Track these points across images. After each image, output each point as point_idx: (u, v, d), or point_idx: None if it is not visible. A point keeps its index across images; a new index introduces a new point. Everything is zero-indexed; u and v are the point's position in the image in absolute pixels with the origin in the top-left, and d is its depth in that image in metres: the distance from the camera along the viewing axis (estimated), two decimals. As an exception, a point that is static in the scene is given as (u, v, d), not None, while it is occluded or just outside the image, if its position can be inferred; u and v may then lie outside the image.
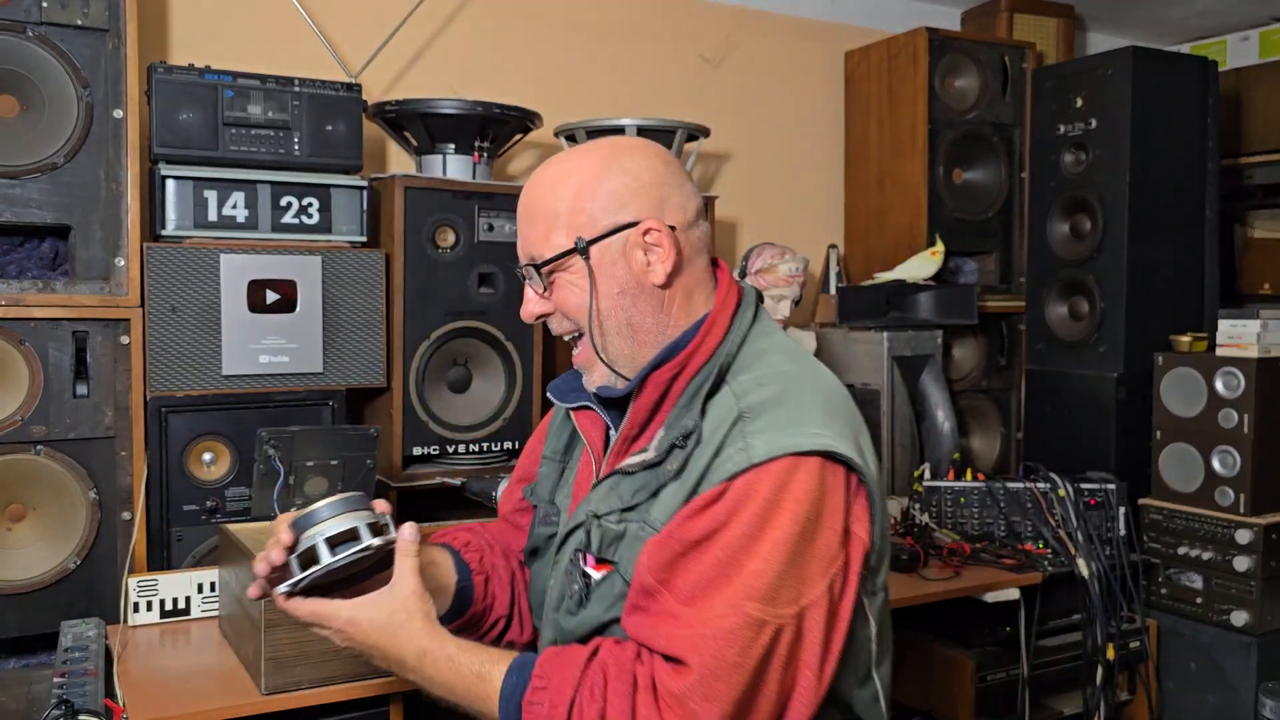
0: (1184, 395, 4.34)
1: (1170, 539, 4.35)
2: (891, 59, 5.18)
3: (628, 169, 1.94)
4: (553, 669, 1.74)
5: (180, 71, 3.34)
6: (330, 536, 1.82)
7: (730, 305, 1.98)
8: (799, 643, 1.70)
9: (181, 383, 3.30)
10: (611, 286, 1.92)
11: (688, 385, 1.90)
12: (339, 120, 3.55)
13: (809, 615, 1.71)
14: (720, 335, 1.93)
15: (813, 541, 1.71)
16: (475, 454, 3.81)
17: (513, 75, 4.64)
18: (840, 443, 1.76)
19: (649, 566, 1.75)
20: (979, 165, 5.21)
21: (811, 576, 1.71)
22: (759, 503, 1.70)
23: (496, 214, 3.79)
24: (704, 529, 1.72)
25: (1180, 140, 4.76)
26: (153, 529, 3.28)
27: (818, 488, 1.73)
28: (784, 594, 1.68)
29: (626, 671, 1.70)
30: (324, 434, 3.30)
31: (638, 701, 1.67)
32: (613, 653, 1.74)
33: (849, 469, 1.78)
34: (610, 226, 1.91)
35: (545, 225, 1.93)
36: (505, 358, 3.84)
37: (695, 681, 1.63)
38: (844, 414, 1.85)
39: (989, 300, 5.16)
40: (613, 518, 1.90)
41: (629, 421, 1.97)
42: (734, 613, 1.65)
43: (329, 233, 3.56)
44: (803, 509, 1.71)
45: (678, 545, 1.73)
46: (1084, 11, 6.08)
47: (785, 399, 1.81)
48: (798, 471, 1.72)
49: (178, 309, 3.28)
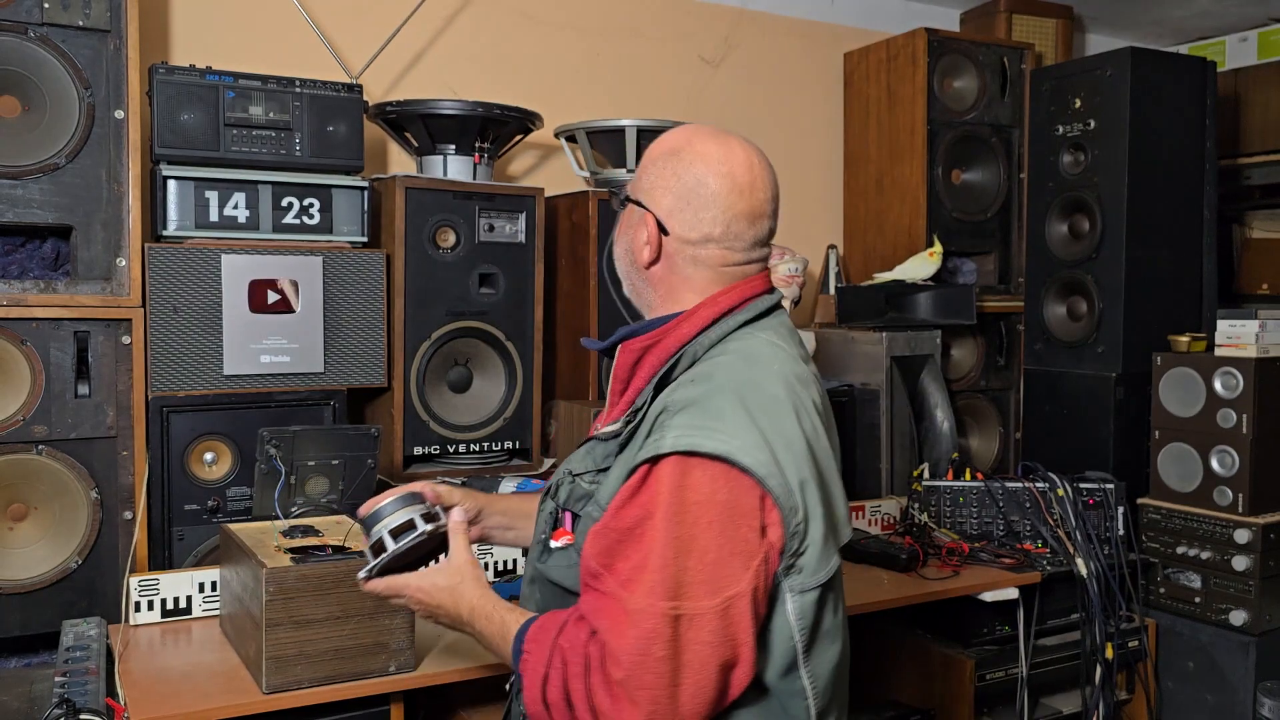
0: (1182, 395, 4.34)
1: (1169, 538, 4.35)
2: (890, 60, 5.18)
3: (678, 169, 2.12)
4: (534, 641, 1.94)
5: (182, 72, 3.35)
6: (393, 529, 2.20)
7: (719, 306, 2.09)
8: (727, 630, 1.82)
9: (183, 383, 3.30)
10: (624, 241, 2.20)
11: (663, 364, 2.07)
12: (340, 121, 3.55)
13: (735, 605, 1.82)
14: (694, 329, 2.07)
15: (730, 536, 1.83)
16: (476, 453, 3.81)
17: (513, 76, 4.64)
18: (741, 451, 1.85)
19: (592, 553, 1.91)
20: (978, 166, 5.22)
21: (733, 569, 1.83)
22: (670, 493, 1.84)
23: (497, 214, 3.80)
24: (632, 518, 1.86)
25: (1179, 141, 4.76)
26: (154, 528, 3.28)
27: (723, 488, 1.85)
28: (703, 587, 1.81)
29: (580, 654, 1.85)
30: (325, 434, 3.30)
31: (591, 683, 1.83)
32: (572, 634, 1.89)
33: (750, 475, 1.86)
34: (639, 198, 2.15)
35: (640, 169, 2.19)
36: (506, 358, 3.85)
37: (625, 673, 1.78)
38: (761, 423, 1.91)
39: (988, 300, 5.16)
40: (586, 477, 2.11)
41: (613, 376, 2.20)
42: (652, 610, 1.79)
43: (330, 233, 3.56)
44: (713, 506, 1.84)
45: (613, 533, 1.88)
46: (1083, 12, 6.08)
47: (704, 400, 1.92)
48: (696, 470, 1.85)
49: (179, 309, 3.29)
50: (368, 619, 2.72)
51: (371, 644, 2.73)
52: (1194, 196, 4.82)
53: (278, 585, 2.62)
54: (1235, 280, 6.05)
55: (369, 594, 2.23)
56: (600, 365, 3.99)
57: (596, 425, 2.24)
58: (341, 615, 2.69)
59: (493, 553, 3.55)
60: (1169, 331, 4.53)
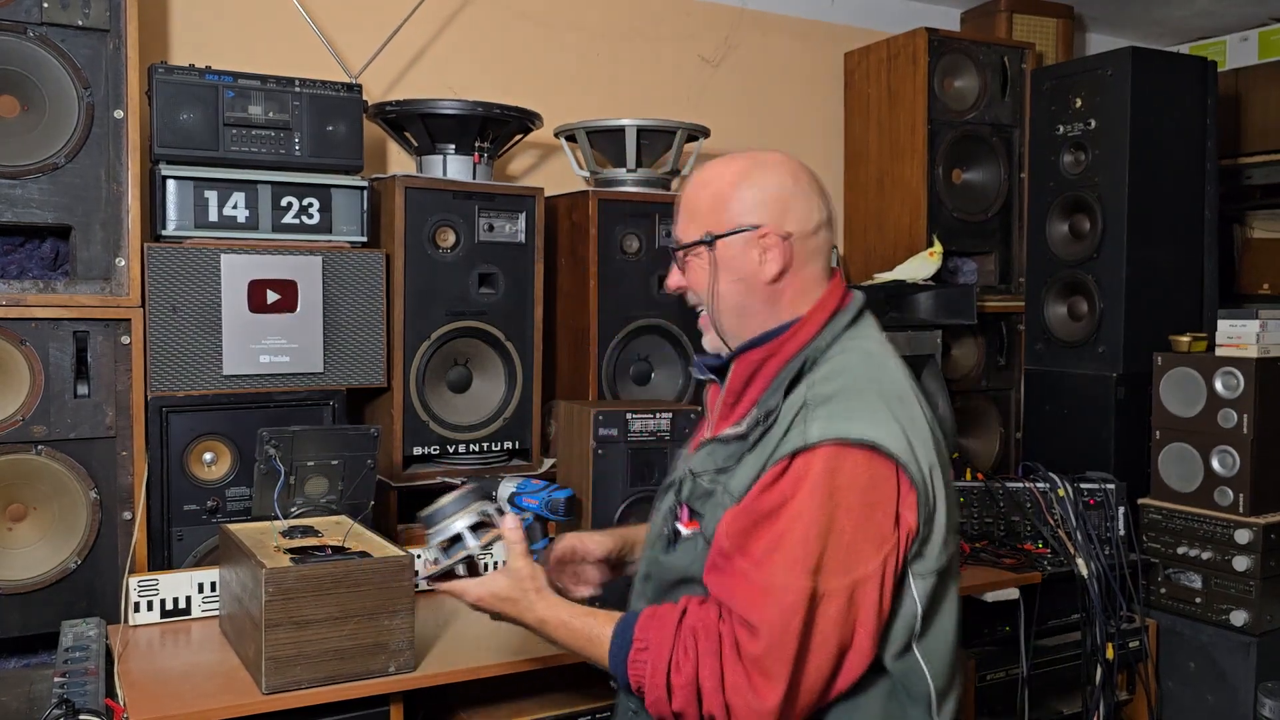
0: (1183, 395, 4.34)
1: (1169, 539, 4.35)
2: (891, 59, 5.18)
3: (758, 182, 2.28)
4: (651, 631, 2.06)
5: (181, 72, 3.34)
6: (441, 541, 2.36)
7: (828, 309, 2.26)
8: (850, 612, 1.96)
9: (182, 383, 3.30)
10: (730, 275, 2.25)
11: (778, 371, 2.20)
12: (339, 121, 3.55)
13: (864, 585, 1.96)
14: (810, 334, 2.22)
15: (867, 521, 1.97)
16: (475, 454, 3.81)
17: (513, 76, 4.64)
18: (887, 439, 2.00)
19: (727, 533, 2.04)
20: (978, 166, 5.21)
21: (865, 553, 1.97)
22: (814, 481, 1.96)
23: (497, 214, 3.80)
24: (772, 503, 2.00)
25: (1179, 140, 4.77)
26: (153, 529, 3.28)
27: (865, 474, 1.99)
28: (838, 566, 1.95)
29: (713, 633, 1.99)
30: (324, 434, 3.30)
31: (724, 660, 1.96)
32: (699, 615, 2.03)
33: (894, 461, 2.01)
34: (734, 227, 2.25)
35: (688, 218, 2.31)
36: (505, 358, 3.85)
37: (765, 647, 1.91)
38: (898, 413, 2.07)
39: (988, 300, 5.15)
40: (705, 478, 2.21)
41: (727, 389, 2.30)
42: (794, 585, 1.92)
43: (329, 233, 3.56)
44: (855, 491, 1.97)
45: (752, 515, 2.01)
46: (1083, 12, 6.08)
47: (844, 394, 2.07)
48: (845, 458, 1.98)
49: (178, 309, 3.29)
50: (367, 619, 2.73)
51: (371, 644, 2.73)
52: (1195, 196, 4.83)
53: (277, 586, 2.62)
54: (1236, 280, 6.05)
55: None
56: (600, 366, 3.99)
57: (702, 434, 2.41)
58: (341, 616, 2.69)
59: (492, 554, 3.56)
60: (1170, 331, 4.54)
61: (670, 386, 4.19)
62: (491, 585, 2.33)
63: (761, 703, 1.92)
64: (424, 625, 3.13)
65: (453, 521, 2.36)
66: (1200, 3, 5.88)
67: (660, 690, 2.01)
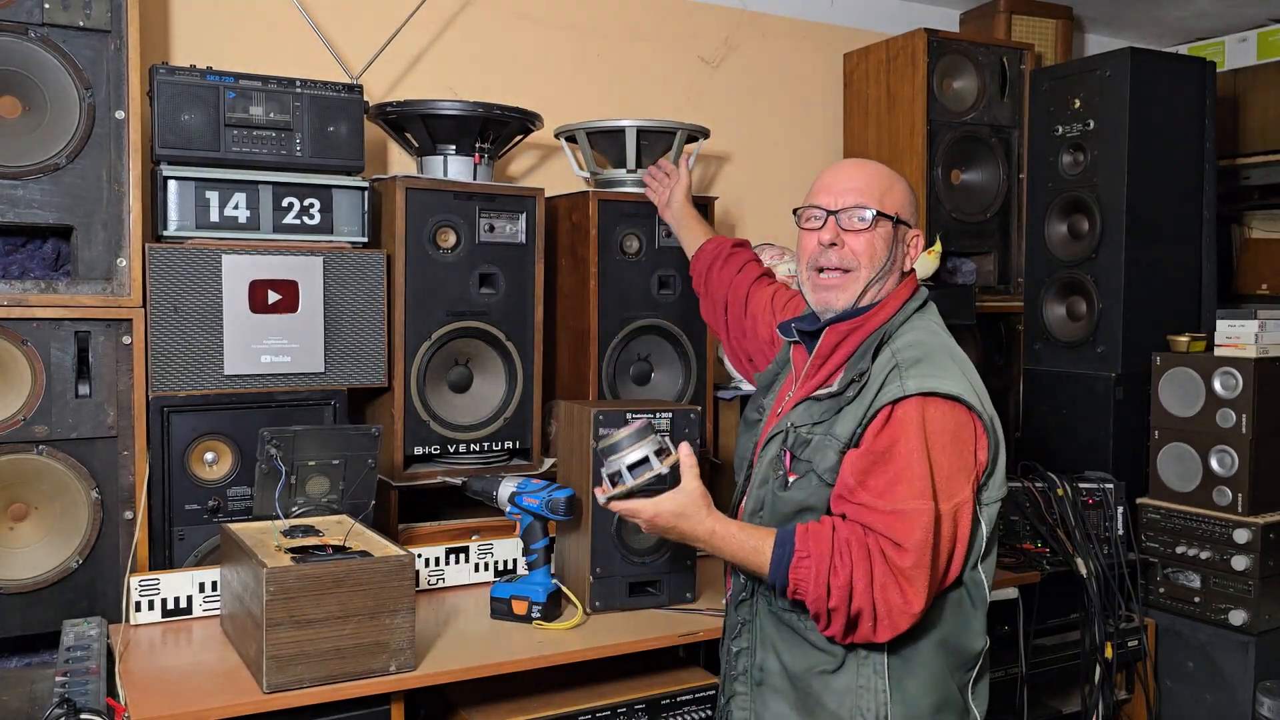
0: (1182, 395, 4.35)
1: (1168, 538, 4.35)
2: (890, 60, 5.18)
3: (914, 194, 2.78)
4: (810, 543, 2.39)
5: (182, 73, 3.34)
6: (630, 464, 2.59)
7: (903, 296, 2.68)
8: (956, 527, 2.41)
9: (183, 382, 3.30)
10: (886, 254, 2.66)
11: (863, 341, 2.60)
12: (340, 121, 3.55)
13: (962, 509, 2.42)
14: (889, 314, 2.63)
15: (959, 456, 2.43)
16: (476, 453, 3.81)
17: (513, 77, 4.64)
18: (965, 392, 2.45)
19: (851, 471, 2.43)
20: (977, 166, 5.21)
21: (960, 481, 2.42)
22: (915, 424, 2.39)
23: (497, 214, 3.80)
24: (885, 444, 2.40)
25: (1178, 141, 4.77)
26: (154, 528, 3.28)
27: (952, 419, 2.43)
28: (946, 491, 2.39)
29: (862, 544, 2.36)
30: (325, 434, 3.30)
31: (874, 567, 2.34)
32: (849, 531, 2.38)
33: (971, 410, 2.46)
34: (907, 218, 2.70)
35: (881, 192, 2.66)
36: (506, 358, 3.84)
37: (913, 560, 2.33)
38: (968, 374, 2.53)
39: (987, 300, 5.16)
40: (805, 428, 2.58)
41: (816, 351, 2.67)
42: (924, 509, 2.34)
43: (330, 233, 3.56)
44: (948, 432, 2.42)
45: (870, 456, 2.41)
46: (1082, 13, 6.08)
47: (928, 359, 2.50)
48: (936, 406, 2.42)
49: (179, 309, 3.28)
50: (368, 619, 2.73)
51: (372, 643, 2.74)
52: (1193, 197, 4.83)
53: (278, 585, 2.63)
54: (1234, 280, 6.05)
55: (611, 510, 2.67)
56: (600, 366, 3.98)
57: (789, 386, 2.79)
58: (342, 615, 2.70)
59: (493, 553, 3.57)
60: (1168, 331, 4.54)
61: (670, 386, 4.19)
62: (668, 504, 2.55)
63: (909, 605, 2.35)
64: (424, 624, 3.13)
65: (637, 448, 2.59)
66: (1199, 3, 5.87)
67: (821, 589, 2.36)
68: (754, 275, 3.44)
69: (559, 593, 3.34)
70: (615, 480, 2.61)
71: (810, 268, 2.70)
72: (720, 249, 3.56)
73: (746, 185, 5.25)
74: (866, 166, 2.74)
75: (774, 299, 3.30)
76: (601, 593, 3.37)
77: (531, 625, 3.23)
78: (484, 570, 3.61)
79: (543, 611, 3.25)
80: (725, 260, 3.52)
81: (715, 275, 3.52)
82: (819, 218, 2.68)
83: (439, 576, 3.55)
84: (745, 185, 5.25)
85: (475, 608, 3.38)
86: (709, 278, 3.55)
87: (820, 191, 2.71)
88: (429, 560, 3.53)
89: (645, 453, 2.59)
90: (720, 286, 3.49)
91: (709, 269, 3.55)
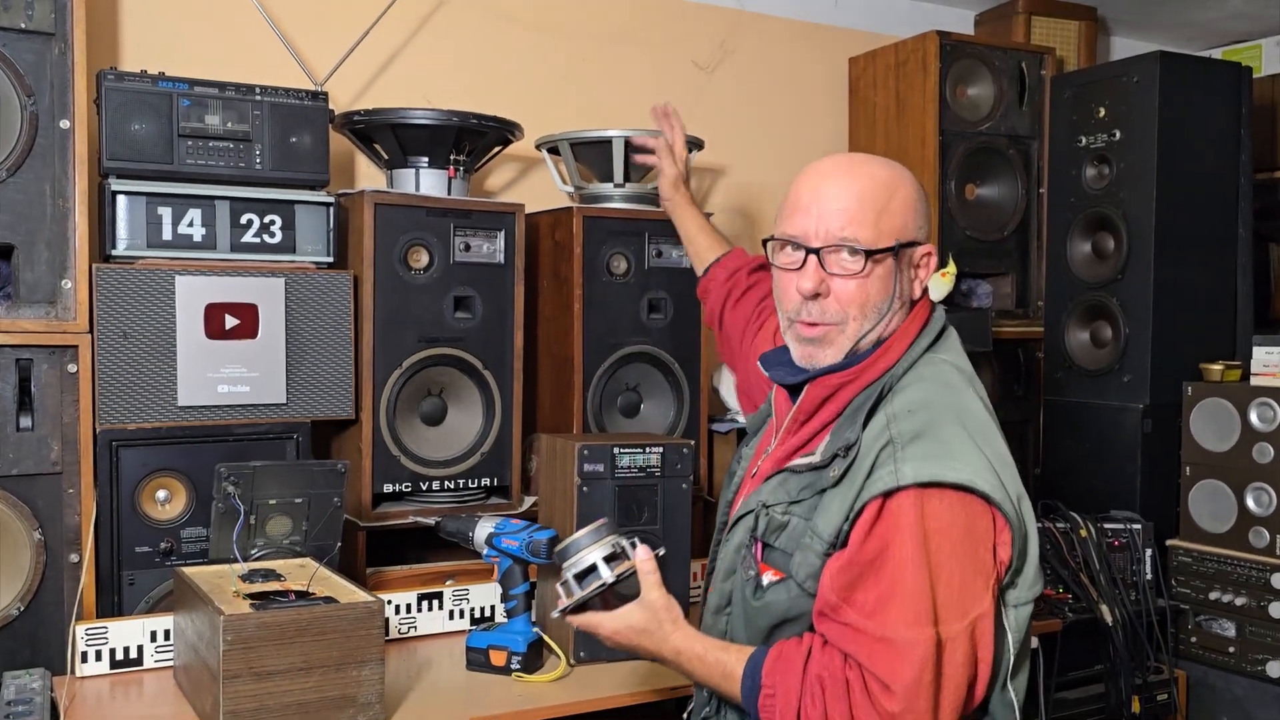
0: (1215, 428, 4.37)
1: (1200, 583, 4.38)
2: (899, 65, 5.22)
3: (922, 193, 2.43)
4: (777, 676, 2.18)
5: (132, 79, 3.36)
6: (577, 572, 2.48)
7: (910, 334, 2.38)
8: (976, 648, 2.11)
9: (134, 414, 3.32)
10: (885, 295, 2.34)
11: (854, 398, 2.33)
12: (303, 131, 3.57)
13: (980, 624, 2.11)
14: (891, 362, 2.34)
15: (973, 559, 2.12)
16: (450, 491, 3.82)
17: (491, 83, 4.68)
18: (978, 478, 2.14)
19: (832, 586, 2.15)
20: (994, 180, 5.25)
21: (977, 591, 2.12)
22: (912, 525, 2.10)
23: (474, 232, 3.82)
24: (873, 550, 2.12)
25: (1211, 153, 4.80)
26: (102, 572, 3.29)
27: (962, 515, 2.12)
28: (958, 609, 2.09)
29: (839, 680, 2.11)
30: (287, 470, 3.32)
31: (854, 708, 2.08)
32: (824, 662, 2.15)
33: (988, 501, 2.15)
34: (912, 237, 2.36)
35: (878, 212, 2.33)
36: (483, 387, 3.87)
37: (903, 705, 2.04)
38: (984, 447, 2.21)
39: (1004, 326, 5.19)
40: (779, 509, 2.33)
41: (797, 408, 2.41)
42: (920, 638, 2.05)
43: (293, 253, 3.58)
44: (956, 531, 2.12)
45: (856, 566, 2.13)
46: (1107, 14, 6.13)
47: (931, 431, 2.19)
48: (940, 499, 2.11)
49: (130, 335, 3.30)
50: (333, 670, 2.74)
51: (338, 697, 2.75)
52: (1227, 213, 4.86)
53: (236, 634, 2.64)
54: (1272, 304, 6.06)
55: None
56: (585, 397, 4.01)
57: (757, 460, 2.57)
58: (305, 667, 2.71)
59: (469, 599, 3.59)
60: (1201, 359, 4.57)
61: (661, 419, 4.21)
62: (628, 618, 2.42)
63: None
64: (395, 676, 3.15)
65: (586, 553, 2.49)
66: (1234, 4, 5.92)
67: None
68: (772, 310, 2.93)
69: (540, 642, 3.35)
70: (567, 591, 2.53)
71: (789, 318, 2.41)
72: (735, 281, 3.26)
73: (743, 201, 5.28)
74: (857, 172, 2.39)
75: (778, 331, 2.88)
76: (586, 642, 3.34)
77: (511, 677, 3.24)
78: (459, 618, 3.63)
79: (523, 662, 3.26)
80: (742, 296, 3.22)
81: (730, 316, 3.25)
82: (797, 250, 2.36)
83: (410, 624, 3.56)
84: (741, 201, 5.28)
85: (450, 658, 3.39)
86: (724, 319, 3.27)
87: (796, 212, 2.39)
88: (399, 607, 3.54)
89: (595, 559, 2.49)
90: (736, 329, 3.21)
91: (723, 308, 3.27)
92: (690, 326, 4.12)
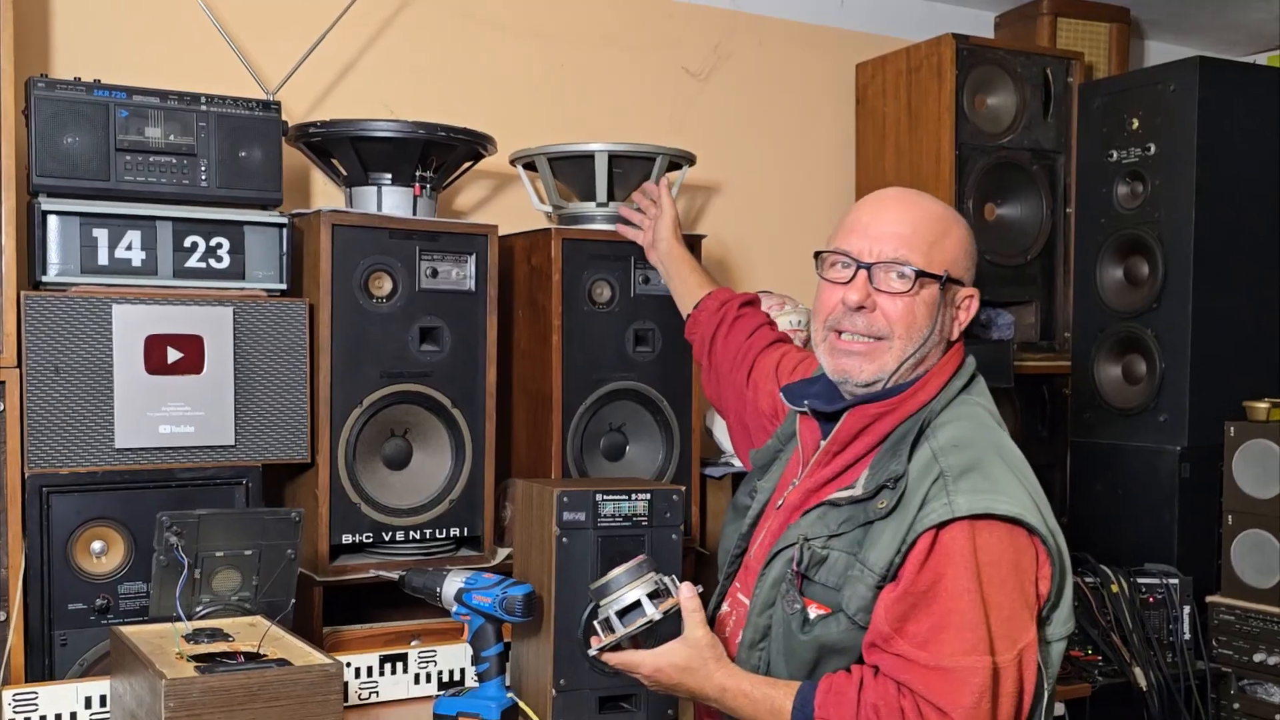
0: (1260, 472, 4.38)
1: (1244, 644, 4.38)
2: (912, 72, 5.24)
3: (974, 241, 2.71)
4: (831, 709, 2.36)
5: (65, 86, 3.37)
6: (619, 610, 2.62)
7: (947, 372, 2.62)
8: (1022, 679, 2.31)
9: (67, 458, 3.32)
10: (929, 323, 2.58)
11: (893, 430, 2.56)
12: (254, 145, 3.59)
13: (1027, 654, 2.32)
14: (929, 396, 2.58)
15: (1020, 590, 2.35)
16: (416, 542, 3.82)
17: (461, 92, 4.69)
18: (1027, 513, 2.36)
19: (886, 618, 2.35)
20: (1016, 199, 5.28)
21: (1023, 620, 2.33)
22: (965, 556, 2.31)
23: (442, 257, 3.82)
24: (927, 581, 2.33)
25: (1255, 168, 4.83)
26: (32, 631, 3.28)
27: (1010, 547, 2.35)
28: (1010, 638, 2.30)
29: (895, 708, 2.30)
30: (236, 519, 3.31)
31: None
32: (879, 691, 2.33)
33: (1031, 532, 2.37)
34: (959, 275, 2.63)
35: (932, 242, 2.60)
36: (452, 427, 3.87)
37: None
38: (1027, 485, 2.45)
39: (1028, 359, 5.21)
40: (818, 542, 2.51)
41: (832, 438, 2.62)
42: (978, 666, 2.26)
43: (242, 279, 3.59)
44: (1006, 563, 2.34)
45: (910, 598, 2.33)
46: (1141, 15, 6.13)
47: (981, 466, 2.41)
48: (991, 532, 2.34)
49: (62, 370, 3.31)
50: (288, 739, 2.75)
51: (292, 769, 2.76)
52: (1273, 235, 4.88)
53: (179, 700, 2.63)
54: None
55: None
56: (565, 438, 4.02)
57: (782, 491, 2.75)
58: (256, 735, 2.72)
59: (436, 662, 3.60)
60: (1244, 396, 4.59)
61: (649, 462, 4.21)
62: (670, 656, 2.57)
63: None
64: (356, 747, 3.16)
65: (629, 590, 2.63)
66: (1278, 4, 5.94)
67: None
68: (766, 341, 3.38)
69: (515, 709, 3.34)
70: (606, 629, 2.65)
71: (828, 327, 2.63)
72: (726, 311, 3.49)
73: (739, 221, 5.30)
74: (916, 204, 2.68)
75: (780, 363, 3.24)
76: (566, 709, 3.36)
77: (483, 748, 3.25)
78: (426, 682, 3.63)
79: (496, 732, 3.27)
80: (732, 325, 3.46)
81: (721, 344, 3.46)
82: (847, 267, 2.60)
83: (372, 690, 3.56)
84: (738, 221, 5.30)
85: (415, 728, 3.41)
86: (714, 348, 3.48)
87: (853, 232, 2.63)
88: (360, 670, 3.53)
89: (638, 595, 2.63)
90: (727, 359, 3.42)
91: (714, 337, 3.48)
92: (680, 361, 4.12)
